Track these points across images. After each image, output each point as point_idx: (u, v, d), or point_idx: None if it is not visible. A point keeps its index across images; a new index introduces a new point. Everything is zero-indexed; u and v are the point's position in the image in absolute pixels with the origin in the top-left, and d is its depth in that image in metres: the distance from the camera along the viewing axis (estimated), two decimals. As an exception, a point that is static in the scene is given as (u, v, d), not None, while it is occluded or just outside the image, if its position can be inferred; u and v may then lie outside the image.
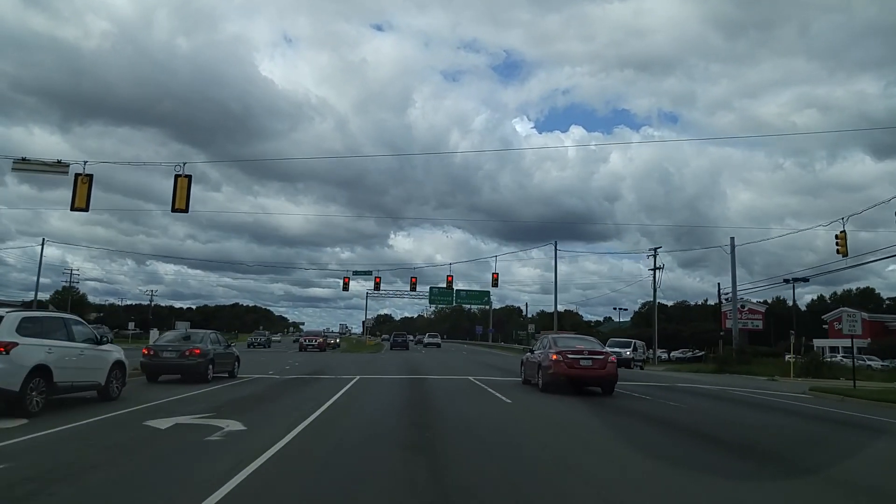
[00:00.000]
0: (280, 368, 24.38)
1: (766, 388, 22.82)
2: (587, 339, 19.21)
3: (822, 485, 6.78)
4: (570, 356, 15.80)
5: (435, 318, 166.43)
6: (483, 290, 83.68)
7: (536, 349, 18.49)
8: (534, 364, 17.58)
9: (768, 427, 11.68)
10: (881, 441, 10.57)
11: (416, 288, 54.51)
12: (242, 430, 8.75)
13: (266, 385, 16.59)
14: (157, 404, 11.57)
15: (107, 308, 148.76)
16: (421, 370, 24.35)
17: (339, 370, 23.65)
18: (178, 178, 19.51)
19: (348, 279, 53.42)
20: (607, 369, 15.98)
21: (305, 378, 19.10)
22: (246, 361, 29.17)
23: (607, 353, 16.70)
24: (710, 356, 53.92)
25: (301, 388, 16.03)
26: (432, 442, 8.33)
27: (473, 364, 33.02)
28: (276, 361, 30.53)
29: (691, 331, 72.35)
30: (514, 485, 6.15)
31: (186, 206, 19.54)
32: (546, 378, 16.10)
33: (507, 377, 21.41)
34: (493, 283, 53.02)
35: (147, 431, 8.60)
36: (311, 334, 52.44)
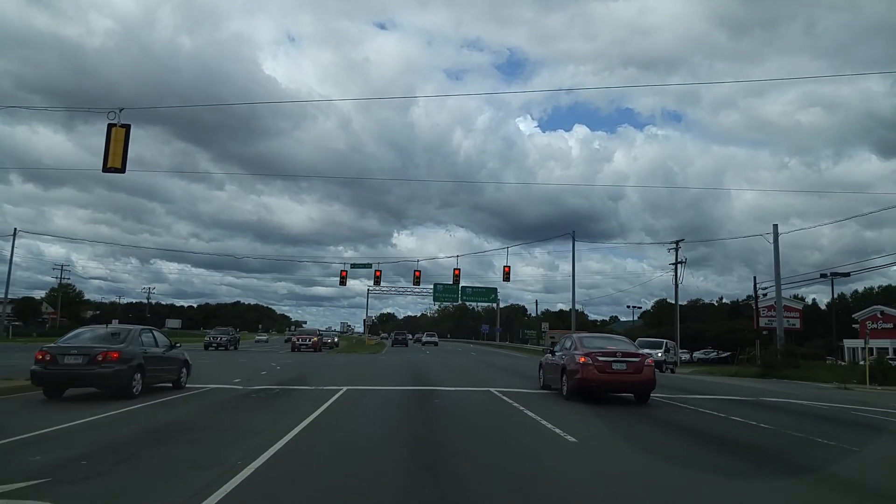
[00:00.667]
0: (254, 374, 19.85)
1: (851, 400, 18.15)
2: (618, 338, 16.72)
3: None
4: (601, 359, 13.58)
5: (439, 316, 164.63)
6: (490, 287, 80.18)
7: (557, 350, 16.08)
8: (556, 367, 15.31)
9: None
10: None
11: (420, 282, 50.03)
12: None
13: (212, 403, 12.05)
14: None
15: (107, 306, 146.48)
16: (427, 378, 19.78)
17: (325, 377, 19.11)
18: (113, 128, 15.00)
19: (345, 272, 48.92)
20: (644, 374, 13.80)
21: (275, 390, 14.55)
22: (218, 365, 24.84)
23: (643, 356, 14.22)
24: (742, 357, 49.32)
25: (259, 408, 11.48)
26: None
27: (486, 368, 28.47)
28: (256, 365, 26.02)
29: (716, 330, 67.47)
30: None
31: (123, 165, 15.03)
32: (572, 384, 13.93)
33: (534, 387, 16.89)
34: (504, 276, 48.45)
35: None
36: (305, 333, 47.69)
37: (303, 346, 44.27)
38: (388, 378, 19.41)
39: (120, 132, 14.98)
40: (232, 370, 22.49)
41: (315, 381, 17.16)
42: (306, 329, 53.22)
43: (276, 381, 17.36)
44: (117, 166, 14.91)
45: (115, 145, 14.89)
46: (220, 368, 23.39)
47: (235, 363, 27.38)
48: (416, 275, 49.34)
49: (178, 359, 14.17)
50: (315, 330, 51.75)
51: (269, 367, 24.66)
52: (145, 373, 12.19)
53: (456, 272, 48.69)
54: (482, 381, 19.37)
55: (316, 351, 44.17)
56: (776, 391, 20.52)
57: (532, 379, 20.51)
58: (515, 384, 18.17)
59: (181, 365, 14.23)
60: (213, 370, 21.85)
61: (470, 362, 34.59)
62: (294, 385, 15.95)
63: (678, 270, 55.84)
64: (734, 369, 41.73)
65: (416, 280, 49.54)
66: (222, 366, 24.91)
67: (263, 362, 27.75)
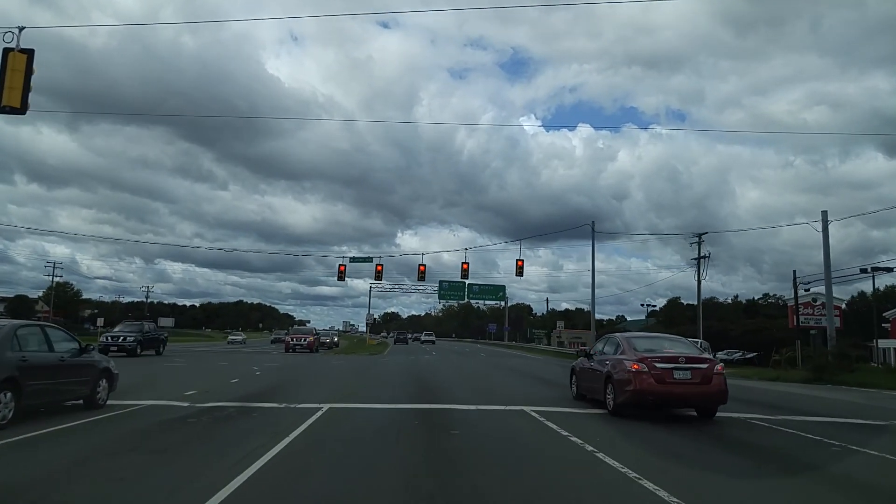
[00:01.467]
0: (221, 383, 15.91)
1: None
2: (673, 338, 13.19)
3: None
4: (660, 366, 10.64)
5: (443, 315, 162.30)
6: (498, 284, 76.43)
7: (596, 353, 12.97)
8: (595, 375, 12.33)
9: None
10: None
11: (425, 277, 45.95)
12: None
13: (118, 436, 8.04)
14: None
15: (108, 305, 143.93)
16: (437, 388, 15.70)
17: (308, 388, 15.12)
18: (9, 53, 11.03)
19: (344, 266, 44.87)
20: (713, 384, 10.76)
21: (228, 411, 10.54)
22: (188, 371, 20.66)
23: (711, 361, 11.29)
24: (777, 359, 45.01)
25: (178, 448, 7.44)
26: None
27: (502, 372, 24.43)
28: (235, 370, 22.06)
29: (741, 329, 63.24)
30: None
31: (23, 104, 11.06)
32: (623, 397, 10.90)
33: (566, 398, 12.85)
34: (517, 271, 44.44)
35: None
36: (300, 332, 43.42)
37: (297, 347, 40.19)
38: (388, 389, 15.37)
39: (19, 60, 11.00)
40: (200, 377, 18.58)
41: (291, 395, 13.17)
42: (301, 328, 48.49)
43: (241, 393, 13.36)
44: (14, 105, 10.93)
45: (11, 77, 10.91)
46: (189, 374, 19.46)
47: (211, 367, 23.44)
48: (421, 269, 45.28)
49: (92, 367, 10.17)
50: (311, 329, 47.26)
51: (248, 372, 20.71)
52: (22, 390, 8.19)
53: (465, 266, 44.73)
54: (505, 392, 15.36)
55: (312, 352, 40.16)
56: (862, 405, 16.32)
57: (560, 387, 16.62)
58: (546, 396, 14.27)
59: (97, 375, 10.25)
60: (175, 377, 17.93)
61: (482, 365, 30.52)
62: (261, 401, 11.93)
63: (701, 266, 51.94)
64: (774, 373, 37.53)
65: (420, 275, 45.50)
66: (192, 371, 20.97)
67: (245, 366, 23.79)
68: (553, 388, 16.51)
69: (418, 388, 15.72)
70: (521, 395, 14.67)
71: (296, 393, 13.80)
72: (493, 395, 14.55)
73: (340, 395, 13.67)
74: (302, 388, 15.21)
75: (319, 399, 12.31)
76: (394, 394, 14.12)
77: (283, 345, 41.89)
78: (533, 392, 15.44)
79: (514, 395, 14.61)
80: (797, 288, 43.89)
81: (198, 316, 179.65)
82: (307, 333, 42.61)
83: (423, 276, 45.18)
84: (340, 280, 45.24)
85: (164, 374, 18.90)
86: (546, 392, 15.64)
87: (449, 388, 15.87)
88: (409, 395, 13.81)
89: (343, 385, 16.36)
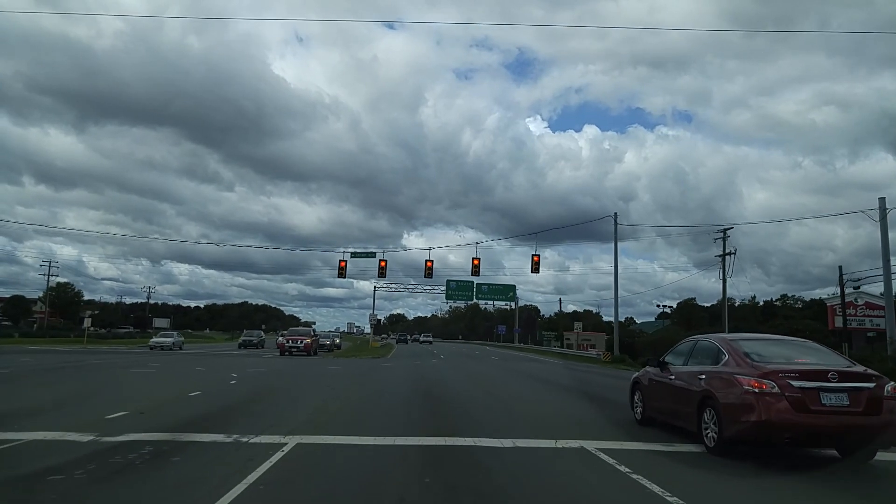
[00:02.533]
0: (169, 398, 12.38)
1: None
2: (799, 342, 8.84)
3: None
4: (799, 384, 6.85)
5: (450, 317, 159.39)
6: (507, 284, 73.03)
7: (676, 362, 9.20)
8: (676, 393, 8.64)
9: None
10: None
11: (432, 274, 42.39)
12: None
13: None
14: None
15: (111, 306, 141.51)
16: (451, 410, 11.82)
17: (280, 408, 11.48)
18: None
19: (345, 262, 41.32)
20: (885, 413, 6.84)
21: (141, 452, 6.95)
22: (153, 376, 16.93)
23: (880, 380, 7.13)
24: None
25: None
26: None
27: (524, 381, 20.81)
28: (209, 377, 18.56)
29: (771, 331, 59.15)
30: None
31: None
32: (738, 429, 7.07)
33: (626, 421, 9.23)
34: (532, 267, 40.85)
35: None
36: (296, 334, 39.58)
37: (293, 350, 36.56)
38: (387, 409, 11.70)
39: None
40: (156, 388, 15.09)
41: (255, 419, 9.60)
42: (298, 328, 44.30)
43: (187, 416, 9.79)
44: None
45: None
46: (145, 384, 15.96)
47: (182, 374, 19.95)
48: (429, 265, 41.80)
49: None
50: (308, 330, 43.39)
51: (222, 380, 17.20)
52: None
53: (475, 262, 41.13)
54: (541, 412, 11.71)
55: (309, 355, 36.58)
56: None
57: (609, 403, 13.07)
58: (599, 419, 10.71)
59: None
60: (119, 390, 14.42)
61: (497, 371, 26.88)
62: (206, 430, 8.33)
63: (726, 262, 48.12)
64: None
65: (427, 271, 41.97)
66: (153, 380, 17.44)
67: (223, 373, 20.27)
68: (602, 406, 12.90)
69: (426, 408, 12.02)
70: (563, 417, 11.04)
71: (263, 414, 10.22)
72: (528, 417, 10.90)
73: (322, 418, 10.08)
74: (275, 405, 11.62)
75: (290, 426, 8.74)
76: (394, 416, 10.49)
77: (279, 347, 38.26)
78: (578, 412, 11.80)
79: (554, 417, 10.99)
80: (843, 287, 39.96)
81: (202, 317, 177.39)
82: (303, 335, 38.83)
83: (431, 272, 41.68)
84: (341, 277, 41.75)
85: (111, 385, 15.44)
86: (595, 412, 12.02)
87: (466, 407, 12.22)
88: (414, 420, 10.16)
89: (331, 400, 12.75)
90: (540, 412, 11.78)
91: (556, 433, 8.75)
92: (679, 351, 9.40)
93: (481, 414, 11.09)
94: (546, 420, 10.55)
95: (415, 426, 9.40)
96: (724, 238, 47.92)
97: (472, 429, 9.18)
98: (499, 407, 12.46)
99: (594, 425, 9.98)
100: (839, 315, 43.20)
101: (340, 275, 41.55)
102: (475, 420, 10.24)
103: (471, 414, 11.07)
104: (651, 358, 10.30)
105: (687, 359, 8.83)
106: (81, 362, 24.43)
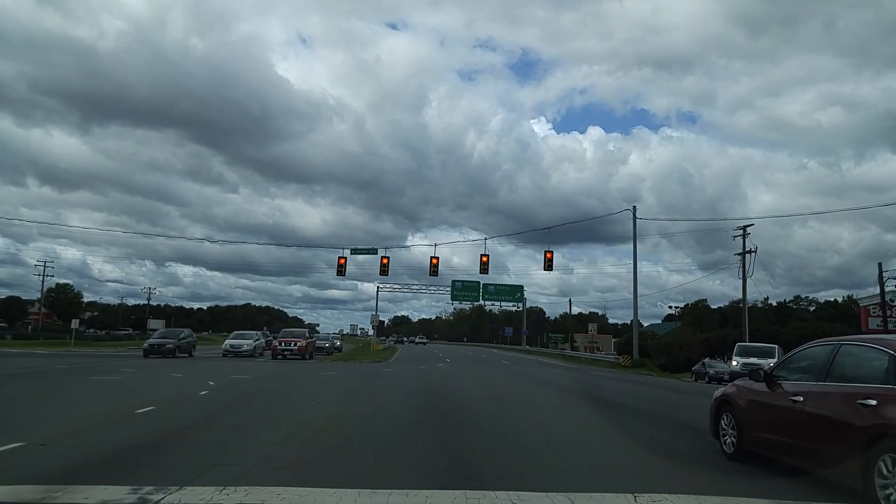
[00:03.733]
0: (100, 418, 9.61)
1: None
2: None
3: None
4: None
5: (454, 319, 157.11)
6: (515, 285, 70.39)
7: (798, 376, 6.53)
8: (808, 424, 5.80)
9: None
10: None
11: (437, 271, 39.62)
12: None
13: None
14: None
15: (113, 308, 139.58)
16: (471, 443, 8.81)
17: (237, 435, 8.57)
18: None
19: (344, 259, 38.62)
20: None
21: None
22: (127, 384, 14.22)
23: None
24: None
25: None
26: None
27: (546, 391, 18.03)
28: (179, 384, 15.82)
29: (794, 333, 56.10)
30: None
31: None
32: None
33: (708, 452, 6.44)
34: (545, 264, 38.14)
35: None
36: (290, 335, 36.52)
37: (287, 353, 33.74)
38: (384, 436, 8.80)
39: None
40: (109, 399, 12.45)
41: (190, 457, 6.80)
42: (292, 330, 40.87)
43: (108, 447, 7.04)
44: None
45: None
46: (100, 393, 13.26)
47: (151, 381, 17.24)
48: (434, 262, 39.06)
49: None
50: (304, 331, 40.20)
51: (192, 390, 14.46)
52: None
53: (484, 259, 38.39)
54: (590, 441, 8.89)
55: (304, 359, 33.81)
56: None
57: (662, 424, 10.29)
58: (670, 453, 7.81)
59: None
60: (51, 405, 11.65)
61: (513, 378, 24.07)
62: (104, 480, 5.54)
63: (746, 261, 45.25)
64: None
65: (433, 269, 39.22)
66: (115, 388, 14.70)
67: (200, 380, 17.51)
68: (662, 429, 10.17)
69: (436, 435, 9.16)
70: (621, 449, 8.23)
71: (210, 446, 7.42)
72: (576, 450, 8.04)
73: (290, 452, 7.29)
74: (237, 429, 8.81)
75: (240, 467, 5.98)
76: (392, 449, 7.67)
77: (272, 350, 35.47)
78: (637, 442, 8.96)
79: (610, 450, 8.18)
80: (883, 286, 36.95)
81: (204, 319, 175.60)
82: (298, 337, 35.97)
83: (436, 269, 38.91)
84: (340, 274, 39.05)
85: (44, 399, 12.66)
86: (659, 440, 9.22)
87: (488, 431, 9.39)
88: (420, 455, 7.33)
89: (311, 420, 9.94)
90: (588, 441, 8.90)
91: (627, 480, 5.95)
92: (803, 359, 6.59)
93: (511, 444, 8.26)
94: (602, 455, 7.74)
95: (421, 468, 6.59)
96: (745, 235, 45.19)
97: (503, 472, 6.38)
98: (531, 432, 9.63)
99: (672, 464, 7.15)
100: (874, 316, 40.29)
101: (340, 272, 38.90)
102: (506, 456, 7.41)
103: (497, 444, 8.24)
104: (754, 368, 7.41)
105: (824, 372, 6.00)
106: (43, 368, 21.69)
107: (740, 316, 77.91)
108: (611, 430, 9.95)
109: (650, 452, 7.85)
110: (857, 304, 52.94)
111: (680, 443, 8.58)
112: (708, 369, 35.07)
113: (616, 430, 9.91)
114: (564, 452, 7.76)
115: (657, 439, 9.16)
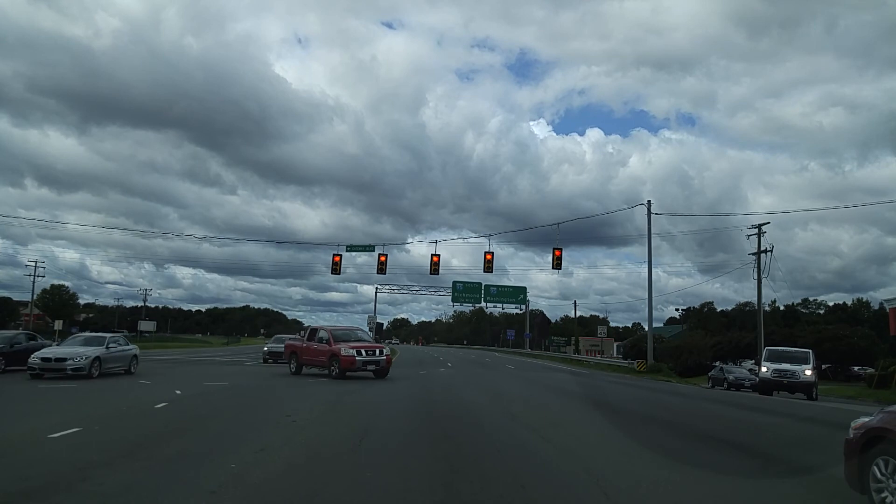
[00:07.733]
0: (5, 445, 7.24)
1: None
2: None
3: None
4: None
5: (455, 322, 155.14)
6: (518, 286, 68.20)
7: None
8: None
9: None
10: None
11: (438, 270, 37.23)
12: None
13: None
14: None
15: (110, 309, 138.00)
16: (490, 490, 6.32)
17: (145, 486, 6.32)
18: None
19: (339, 257, 36.26)
20: None
21: None
22: (56, 399, 11.67)
23: None
24: (881, 374, 35.84)
25: None
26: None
27: (566, 402, 15.66)
28: (142, 394, 13.45)
29: (812, 338, 53.80)
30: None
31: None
32: None
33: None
34: (553, 263, 35.80)
35: None
36: (280, 340, 33.33)
37: (281, 360, 31.12)
38: (366, 483, 6.46)
39: None
40: (35, 413, 10.07)
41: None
42: (283, 336, 37.15)
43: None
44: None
45: None
46: (31, 406, 10.84)
47: (111, 389, 14.84)
48: (435, 260, 36.72)
49: None
50: (295, 335, 37.26)
51: (148, 403, 12.06)
52: None
53: (488, 256, 36.07)
54: (650, 485, 6.47)
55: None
56: None
57: (735, 453, 7.92)
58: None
59: None
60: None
61: (524, 386, 21.66)
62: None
63: (761, 261, 42.84)
64: (882, 392, 28.80)
65: (433, 267, 36.87)
66: (56, 398, 12.32)
67: (166, 388, 15.17)
68: (743, 460, 7.78)
69: (442, 475, 6.77)
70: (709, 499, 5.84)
71: (114, 496, 5.04)
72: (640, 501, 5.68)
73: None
74: (166, 464, 6.42)
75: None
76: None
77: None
78: (718, 492, 6.58)
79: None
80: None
81: (202, 321, 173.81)
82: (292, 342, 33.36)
83: (437, 267, 36.56)
84: (335, 273, 36.69)
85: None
86: (750, 484, 6.82)
87: (510, 471, 6.99)
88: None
89: (275, 450, 7.52)
90: (648, 488, 6.46)
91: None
92: None
93: (547, 496, 5.83)
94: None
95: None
96: (759, 234, 42.92)
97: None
98: (568, 467, 7.18)
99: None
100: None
101: (335, 270, 36.55)
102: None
103: (527, 491, 5.82)
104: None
105: None
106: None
107: (747, 319, 75.86)
108: (670, 466, 7.47)
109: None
110: (880, 306, 50.61)
111: (789, 489, 6.21)
112: (727, 375, 32.94)
113: (678, 468, 7.43)
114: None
115: (746, 486, 6.76)
